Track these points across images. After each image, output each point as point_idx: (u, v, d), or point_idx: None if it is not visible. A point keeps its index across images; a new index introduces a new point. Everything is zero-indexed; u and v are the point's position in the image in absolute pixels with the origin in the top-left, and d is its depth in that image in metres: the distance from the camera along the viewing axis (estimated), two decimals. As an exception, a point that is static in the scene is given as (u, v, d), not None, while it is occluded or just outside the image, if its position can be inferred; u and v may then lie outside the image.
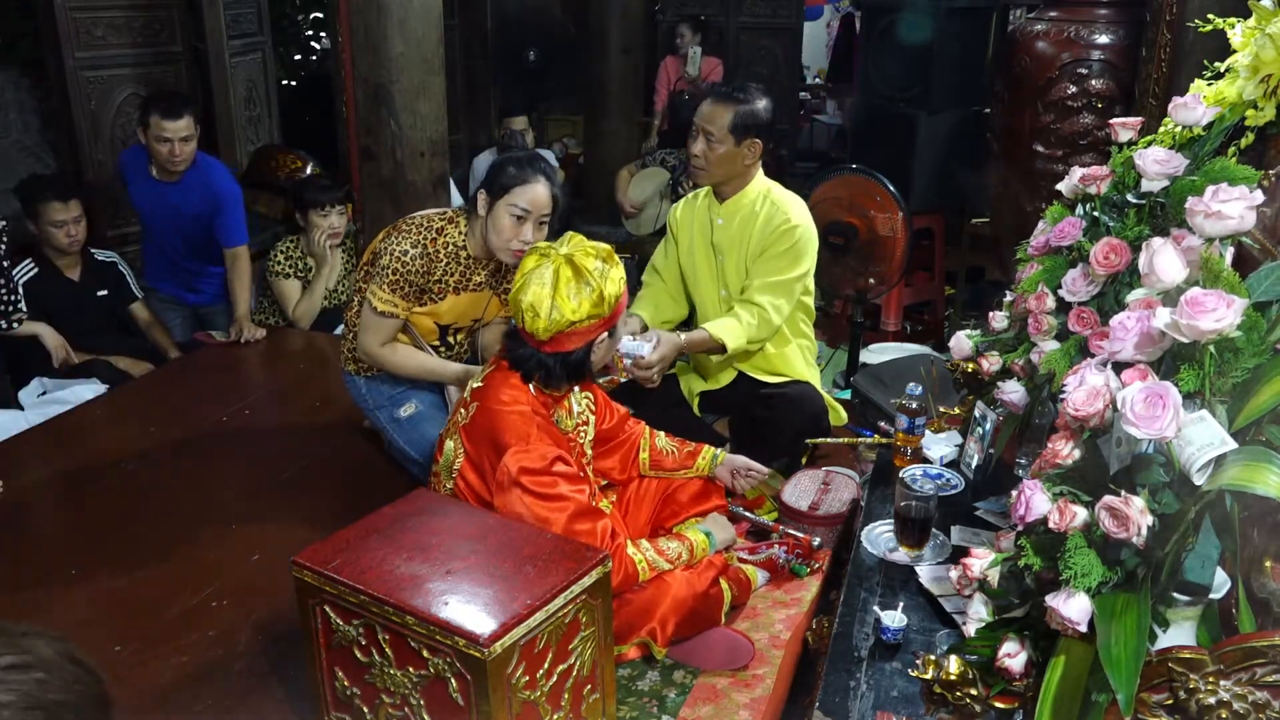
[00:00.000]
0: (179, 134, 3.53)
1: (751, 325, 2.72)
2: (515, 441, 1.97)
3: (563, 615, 1.65)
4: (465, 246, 2.55)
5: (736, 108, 2.67)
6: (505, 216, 2.41)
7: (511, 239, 2.42)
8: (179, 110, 3.53)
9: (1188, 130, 1.83)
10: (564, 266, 1.96)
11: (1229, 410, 1.29)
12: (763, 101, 2.72)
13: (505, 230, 2.42)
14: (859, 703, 1.57)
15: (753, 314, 2.73)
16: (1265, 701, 1.16)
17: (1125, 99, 3.63)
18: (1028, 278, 2.02)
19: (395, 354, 2.62)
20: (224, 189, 3.74)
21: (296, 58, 6.66)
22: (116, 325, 3.75)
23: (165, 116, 3.50)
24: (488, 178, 2.49)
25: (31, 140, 4.95)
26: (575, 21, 7.12)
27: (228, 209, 3.74)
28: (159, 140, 3.53)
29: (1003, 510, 2.03)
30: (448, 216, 2.59)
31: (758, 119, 2.70)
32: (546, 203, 2.43)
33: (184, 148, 3.57)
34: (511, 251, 2.44)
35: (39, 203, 3.46)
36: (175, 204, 3.71)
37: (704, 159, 2.74)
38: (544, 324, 1.96)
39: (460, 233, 2.55)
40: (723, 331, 2.68)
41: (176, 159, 3.58)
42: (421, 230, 2.53)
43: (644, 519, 2.41)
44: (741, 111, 2.67)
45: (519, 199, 2.40)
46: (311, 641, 1.73)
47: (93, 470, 2.81)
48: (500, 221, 2.42)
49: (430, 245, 2.52)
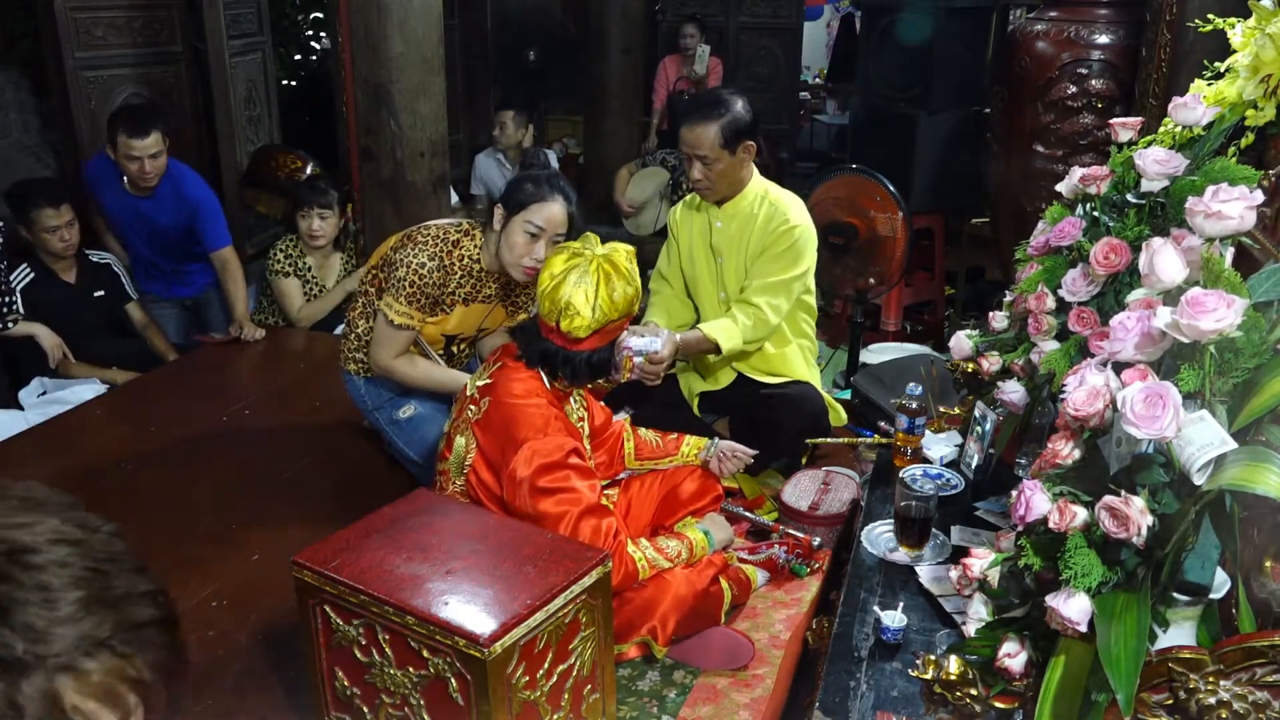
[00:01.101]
0: (147, 151, 3.51)
1: (747, 326, 2.70)
2: (532, 434, 1.99)
3: (563, 615, 1.65)
4: (479, 260, 2.55)
5: (719, 122, 2.64)
6: (520, 233, 2.40)
7: (524, 255, 2.41)
8: (146, 128, 3.50)
9: (1188, 130, 1.83)
10: (604, 265, 1.98)
11: (1229, 410, 1.29)
12: (739, 102, 2.69)
13: (519, 247, 2.41)
14: (859, 703, 1.57)
15: (749, 314, 2.72)
16: (1265, 702, 1.16)
17: (1125, 99, 3.63)
18: (1028, 278, 2.02)
19: (408, 367, 2.61)
20: (198, 196, 3.72)
21: (296, 58, 6.66)
22: (114, 326, 3.75)
23: (132, 135, 3.48)
24: (505, 193, 2.48)
25: (31, 140, 4.94)
26: (575, 21, 7.12)
27: (205, 215, 3.72)
28: (128, 159, 3.52)
29: (1003, 510, 2.03)
30: (463, 229, 2.58)
31: (742, 122, 2.67)
32: (562, 222, 2.42)
33: (154, 164, 3.56)
34: (523, 268, 2.42)
35: (31, 209, 3.46)
36: (148, 215, 3.72)
37: (707, 180, 2.73)
38: (585, 322, 1.98)
39: (476, 246, 2.54)
40: (717, 332, 2.67)
41: (147, 175, 3.57)
42: (438, 243, 2.51)
43: (646, 520, 2.42)
44: (725, 123, 2.64)
45: (535, 216, 2.39)
46: (311, 641, 1.73)
47: (93, 470, 2.81)
48: (514, 238, 2.41)
49: (446, 258, 2.51)
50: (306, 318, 3.87)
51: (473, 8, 6.84)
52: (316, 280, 3.92)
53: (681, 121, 2.78)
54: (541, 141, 6.65)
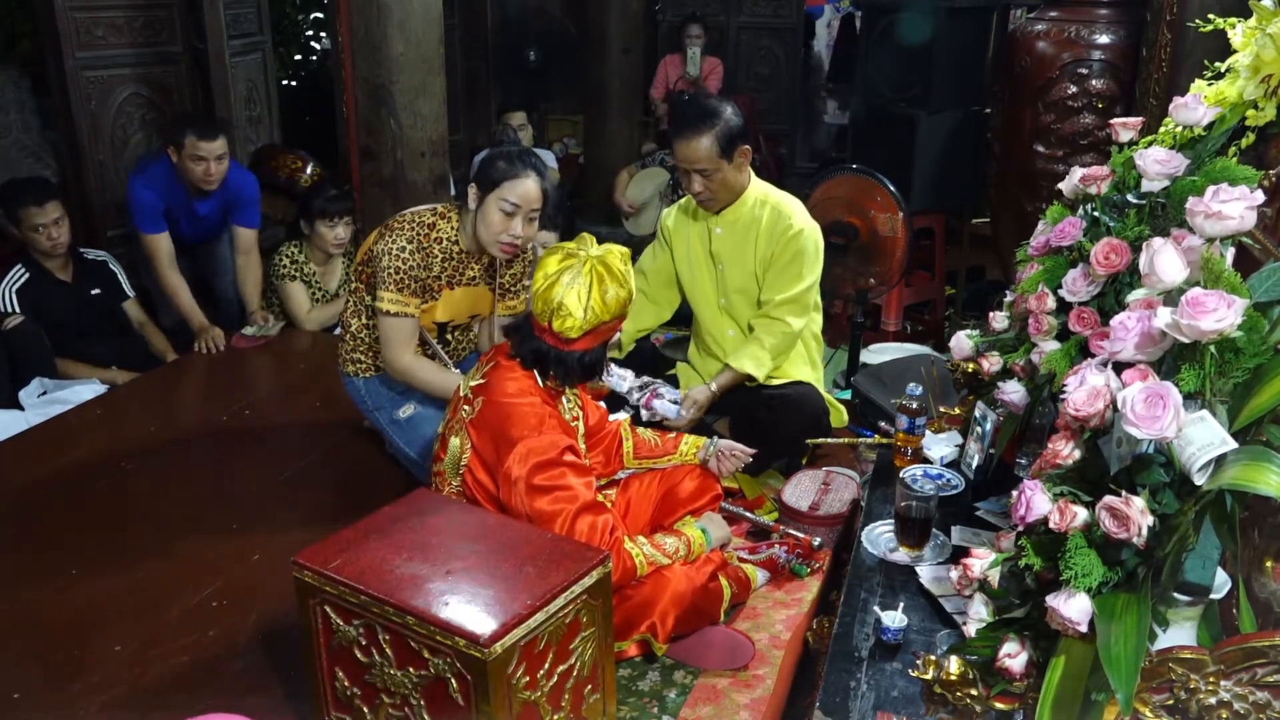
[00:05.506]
0: (214, 154, 3.63)
1: (774, 344, 2.77)
2: (527, 432, 1.99)
3: (563, 615, 1.65)
4: (457, 241, 2.56)
5: (712, 132, 2.63)
6: (495, 211, 2.44)
7: (501, 232, 2.44)
8: (214, 130, 3.65)
9: (1188, 130, 1.83)
10: (598, 267, 1.98)
11: (1229, 410, 1.29)
12: (728, 109, 2.68)
13: (495, 224, 2.44)
14: (859, 703, 1.57)
15: (773, 331, 2.77)
16: (1266, 702, 1.16)
17: (1126, 99, 3.63)
18: (1028, 278, 2.02)
19: (425, 373, 2.61)
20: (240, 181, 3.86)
21: (296, 58, 6.66)
22: (112, 325, 3.75)
23: (202, 137, 3.60)
24: (478, 172, 2.50)
25: (31, 140, 4.94)
26: (575, 21, 7.11)
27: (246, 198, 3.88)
28: (195, 159, 3.61)
29: (1003, 510, 2.03)
30: (439, 212, 2.60)
31: (735, 128, 2.66)
32: (536, 197, 2.45)
33: (219, 166, 3.67)
34: (501, 245, 2.46)
35: (17, 208, 3.46)
36: (203, 216, 3.85)
37: (708, 192, 2.72)
38: (577, 323, 1.98)
39: (452, 227, 2.56)
40: (748, 365, 2.75)
41: (212, 177, 3.66)
42: (414, 227, 2.54)
43: (645, 519, 2.42)
44: (718, 132, 2.63)
45: (509, 193, 2.42)
46: (311, 641, 1.73)
47: (93, 470, 2.81)
48: (490, 215, 2.44)
49: (424, 240, 2.53)
50: (313, 321, 3.89)
51: (473, 8, 6.84)
52: (320, 285, 3.94)
53: (672, 136, 2.77)
54: (541, 141, 6.65)
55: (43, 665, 2.04)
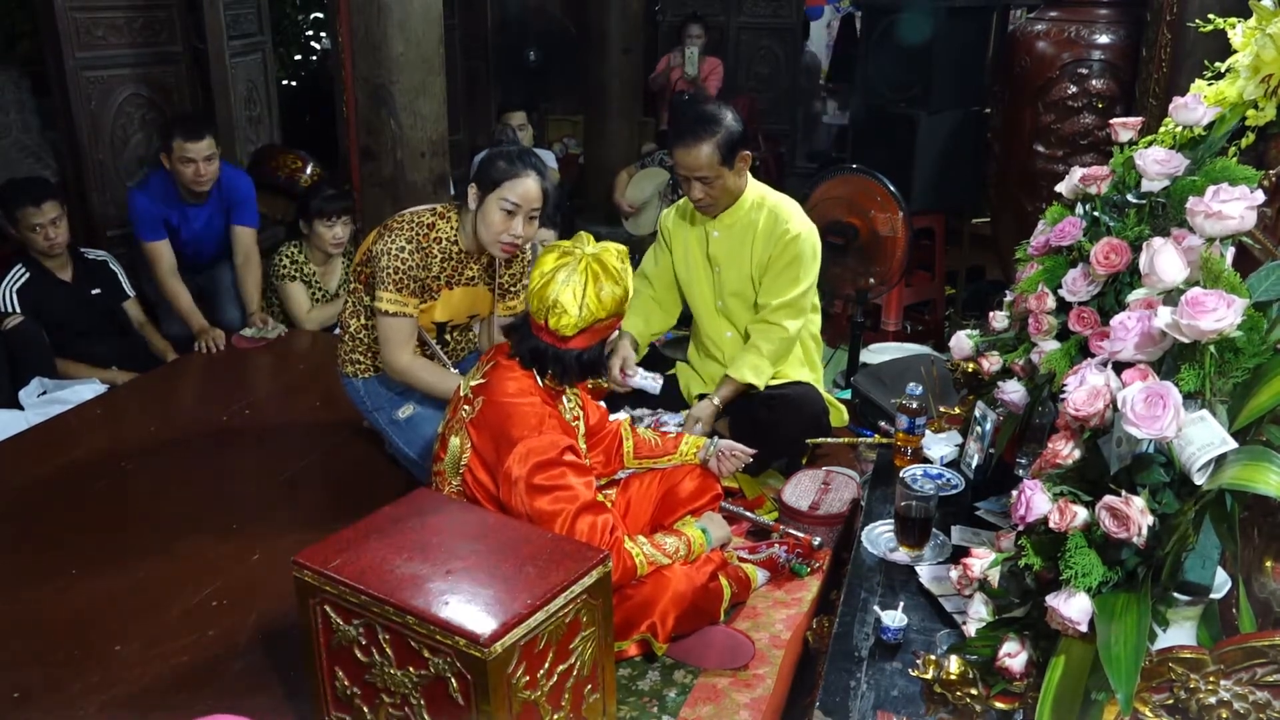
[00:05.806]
0: (202, 154, 3.62)
1: (772, 350, 2.77)
2: (527, 432, 1.99)
3: (563, 615, 1.65)
4: (457, 241, 2.56)
5: (713, 139, 2.62)
6: (496, 210, 2.43)
7: (502, 232, 2.44)
8: (200, 131, 3.63)
9: (1188, 130, 1.83)
10: (593, 264, 1.98)
11: (1229, 410, 1.29)
12: (728, 115, 2.67)
13: (496, 224, 2.44)
14: (859, 703, 1.57)
15: (771, 336, 2.77)
16: (1266, 701, 1.16)
17: (1126, 99, 3.63)
18: (1028, 278, 2.02)
19: (424, 373, 2.61)
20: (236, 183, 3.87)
21: (296, 58, 6.66)
22: (113, 324, 3.75)
23: (188, 138, 3.59)
24: (478, 172, 2.50)
25: (31, 140, 4.94)
26: (575, 21, 7.11)
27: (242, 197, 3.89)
28: (184, 162, 3.61)
29: (1003, 510, 2.03)
30: (438, 212, 2.60)
31: (736, 134, 2.66)
32: (537, 196, 2.45)
33: (208, 167, 3.66)
34: (501, 245, 2.46)
35: (14, 208, 3.46)
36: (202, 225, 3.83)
37: (709, 198, 2.73)
38: (572, 320, 1.98)
39: (452, 227, 2.56)
40: (748, 375, 2.75)
41: (203, 178, 3.66)
42: (413, 226, 2.54)
43: (645, 519, 2.42)
44: (719, 139, 2.62)
45: (509, 193, 2.42)
46: (311, 641, 1.73)
47: (93, 470, 2.81)
48: (491, 215, 2.44)
49: (423, 240, 2.53)
50: (313, 321, 3.89)
51: (473, 8, 6.84)
52: (320, 285, 3.94)
53: (672, 143, 2.77)
54: (541, 141, 6.65)
55: (43, 665, 2.04)
